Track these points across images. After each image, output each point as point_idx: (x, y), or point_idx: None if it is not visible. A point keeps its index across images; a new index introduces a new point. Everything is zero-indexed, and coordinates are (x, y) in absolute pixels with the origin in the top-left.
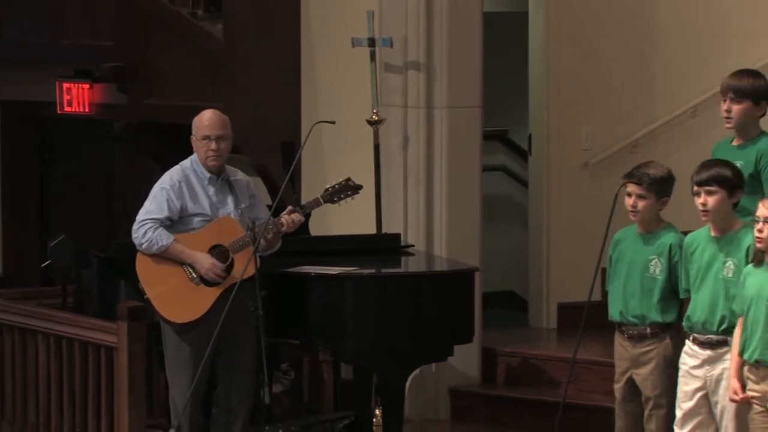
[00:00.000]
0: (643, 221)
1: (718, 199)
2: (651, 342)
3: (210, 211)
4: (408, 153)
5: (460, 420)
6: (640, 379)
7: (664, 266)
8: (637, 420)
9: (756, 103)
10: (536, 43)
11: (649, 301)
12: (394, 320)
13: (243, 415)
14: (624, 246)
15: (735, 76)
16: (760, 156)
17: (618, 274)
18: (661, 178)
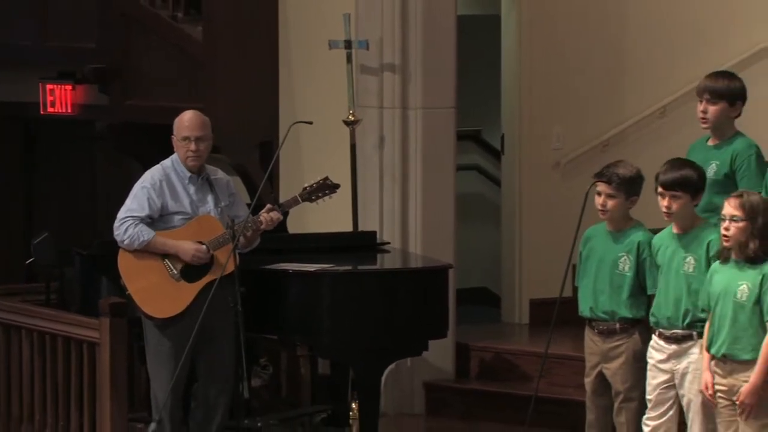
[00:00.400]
0: (613, 220)
1: (682, 203)
2: (620, 337)
3: (190, 210)
4: (384, 153)
5: (435, 414)
6: (610, 373)
7: (632, 263)
8: (607, 413)
9: (731, 104)
10: (508, 46)
11: (618, 298)
12: (370, 316)
13: (222, 408)
14: (594, 243)
15: (711, 78)
16: (735, 156)
17: (588, 270)
18: (630, 177)
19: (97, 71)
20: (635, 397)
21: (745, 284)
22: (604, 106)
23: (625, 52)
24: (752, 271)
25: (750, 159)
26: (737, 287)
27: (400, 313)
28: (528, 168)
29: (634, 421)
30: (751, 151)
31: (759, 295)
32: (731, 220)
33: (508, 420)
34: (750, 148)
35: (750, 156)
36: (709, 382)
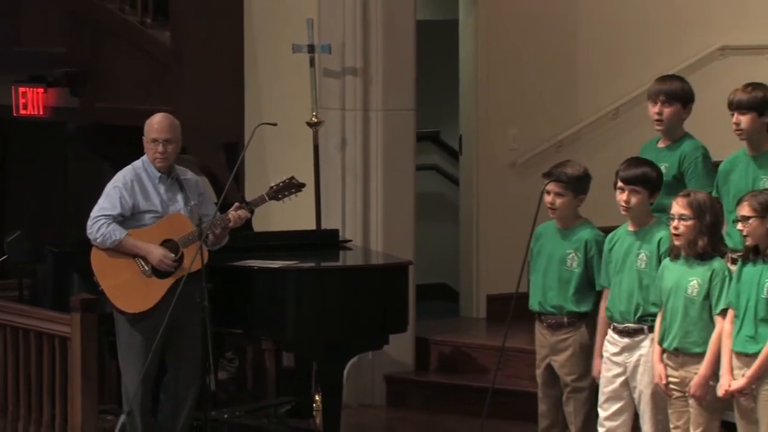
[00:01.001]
0: (562, 217)
1: (640, 199)
2: (568, 330)
3: (161, 208)
4: (346, 153)
5: (395, 405)
6: (558, 365)
7: (580, 260)
8: (558, 403)
9: (684, 106)
10: (466, 50)
11: (566, 293)
12: (332, 311)
13: (190, 400)
14: (544, 240)
15: (664, 81)
16: (683, 158)
17: (538, 266)
18: (578, 176)
19: (68, 75)
20: (582, 387)
21: (695, 280)
22: (558, 107)
23: (579, 56)
24: (701, 268)
25: (697, 161)
26: (688, 283)
27: (361, 308)
28: (485, 168)
29: (582, 411)
30: (698, 153)
31: (708, 290)
32: (680, 219)
33: (465, 411)
34: (697, 150)
35: (697, 158)
36: (662, 374)
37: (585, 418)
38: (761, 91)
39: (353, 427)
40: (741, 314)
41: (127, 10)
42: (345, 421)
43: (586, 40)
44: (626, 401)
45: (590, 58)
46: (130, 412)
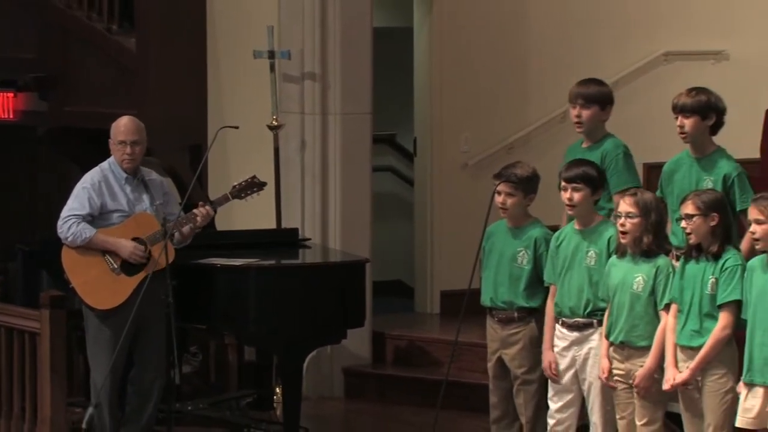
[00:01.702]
0: (512, 217)
1: (582, 196)
2: (518, 325)
3: (128, 208)
4: (305, 155)
5: (353, 397)
6: (509, 359)
7: (530, 257)
8: (508, 395)
9: (602, 108)
10: (420, 56)
11: (516, 289)
12: (292, 307)
13: (155, 393)
14: (495, 239)
15: (583, 85)
16: (604, 156)
17: (489, 264)
18: (528, 177)
19: (37, 80)
20: (532, 380)
21: (640, 276)
22: (509, 111)
23: (529, 62)
24: (647, 265)
25: (618, 158)
26: (633, 279)
27: (320, 304)
28: (439, 169)
29: (532, 402)
30: (618, 150)
31: (653, 286)
32: (627, 217)
33: (420, 403)
34: (618, 148)
35: (618, 155)
36: (606, 369)
37: (535, 409)
38: (704, 95)
39: (312, 419)
40: (685, 309)
41: (94, 17)
42: (304, 412)
43: (536, 47)
44: (575, 394)
45: (540, 64)
46: (97, 405)
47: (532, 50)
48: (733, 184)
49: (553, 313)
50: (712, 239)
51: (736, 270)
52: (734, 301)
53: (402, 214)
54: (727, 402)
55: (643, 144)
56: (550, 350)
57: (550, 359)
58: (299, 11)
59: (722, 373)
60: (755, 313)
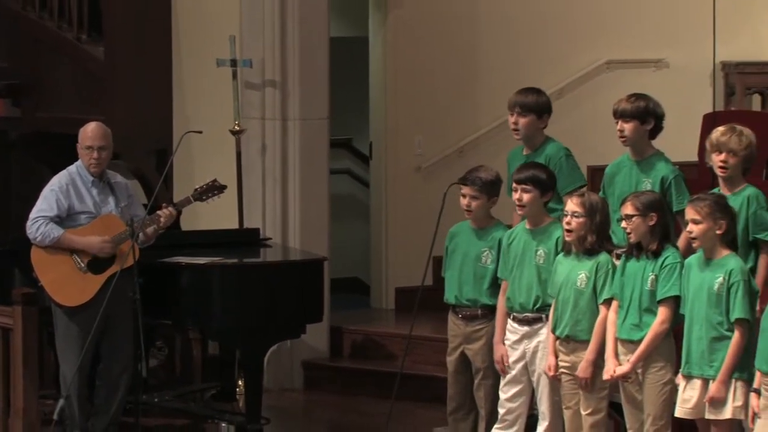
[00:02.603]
0: (476, 218)
1: (532, 197)
2: (481, 322)
3: (94, 210)
4: (266, 159)
5: (312, 389)
6: (472, 354)
7: (494, 257)
8: (467, 388)
9: (539, 117)
10: (375, 64)
11: (480, 287)
12: (253, 303)
13: (123, 386)
14: (459, 239)
15: (521, 94)
16: (548, 160)
17: (453, 263)
18: (491, 181)
19: (9, 87)
20: (492, 374)
21: (583, 273)
22: (460, 116)
23: (479, 70)
24: (589, 262)
25: (561, 161)
26: (577, 276)
27: (280, 301)
28: (393, 172)
29: (491, 395)
30: (561, 154)
31: (594, 281)
32: (573, 216)
33: (376, 394)
34: (560, 151)
35: (561, 158)
36: (552, 364)
37: (494, 400)
38: (643, 101)
39: (273, 410)
40: (626, 305)
41: (64, 27)
42: (266, 403)
43: (487, 56)
44: (525, 384)
45: (489, 72)
46: (67, 397)
47: (483, 58)
48: (670, 185)
49: (504, 308)
50: (651, 238)
51: (674, 267)
52: (672, 297)
53: (358, 215)
54: (666, 393)
55: (587, 148)
56: (501, 344)
57: (501, 352)
58: (260, 22)
59: (661, 365)
60: (692, 308)
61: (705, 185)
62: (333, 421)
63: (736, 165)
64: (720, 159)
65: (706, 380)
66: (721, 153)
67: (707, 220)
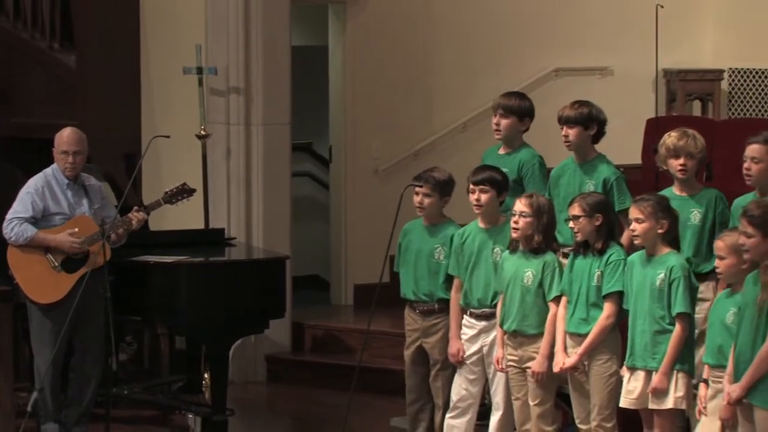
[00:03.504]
0: (429, 216)
1: (488, 197)
2: (438, 316)
3: (69, 211)
4: (230, 162)
5: (275, 381)
6: (429, 347)
7: (447, 253)
8: (424, 380)
9: (520, 120)
10: (335, 71)
11: (436, 282)
12: (219, 300)
13: (95, 379)
14: (412, 236)
15: (505, 97)
16: (521, 165)
17: (408, 259)
18: (444, 180)
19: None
20: (449, 366)
21: (530, 271)
22: (415, 122)
23: (434, 77)
24: (536, 260)
25: (534, 167)
26: (524, 274)
27: (244, 297)
28: (352, 174)
29: (447, 386)
30: (534, 161)
31: (541, 279)
32: (521, 216)
33: (336, 386)
34: (534, 158)
35: (534, 165)
36: (500, 357)
37: (450, 391)
38: (586, 107)
39: (238, 401)
40: (573, 300)
41: (37, 37)
42: (231, 395)
43: (440, 64)
44: (478, 376)
45: (443, 79)
46: (41, 390)
47: (437, 66)
48: (612, 187)
49: (458, 304)
50: (596, 237)
51: (619, 264)
52: (617, 292)
53: (319, 215)
54: (611, 384)
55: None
56: (457, 338)
57: (458, 347)
58: (224, 31)
59: (606, 357)
60: (636, 303)
61: (648, 186)
62: (295, 412)
63: (694, 167)
64: (679, 163)
65: (649, 372)
66: (679, 157)
67: (650, 219)
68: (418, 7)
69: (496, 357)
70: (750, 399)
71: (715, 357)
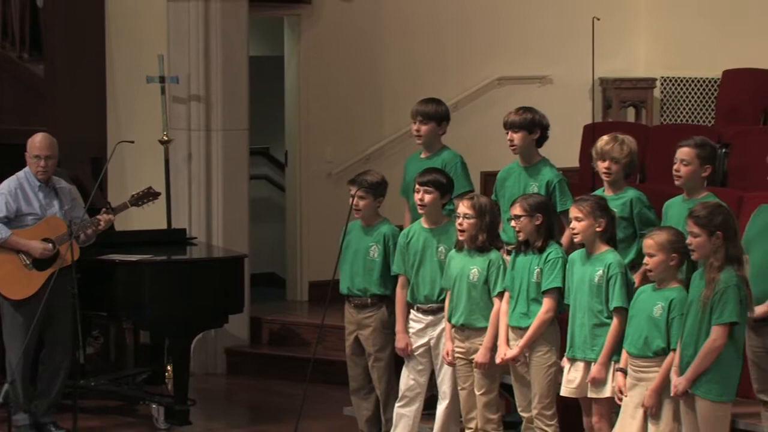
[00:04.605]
0: (364, 217)
1: (432, 198)
2: (371, 310)
3: (40, 212)
4: (192, 166)
5: (234, 373)
6: (363, 338)
7: (381, 251)
8: (365, 369)
9: (438, 124)
10: (290, 80)
11: (370, 278)
12: (181, 296)
13: (63, 371)
14: (351, 236)
15: (423, 103)
16: (444, 165)
17: (346, 257)
18: (377, 182)
19: None
20: (383, 357)
21: (475, 268)
22: (366, 127)
23: (383, 85)
24: (481, 258)
25: (456, 167)
26: (470, 271)
27: (205, 294)
28: (306, 177)
29: (385, 375)
30: (456, 160)
31: (486, 276)
32: (464, 218)
33: (292, 377)
34: (455, 158)
35: (456, 164)
36: (449, 350)
37: (388, 379)
38: (530, 113)
39: (199, 392)
40: (515, 295)
41: (7, 47)
42: (192, 386)
43: (390, 73)
44: (425, 367)
45: (393, 87)
46: (12, 382)
47: (387, 75)
48: (554, 189)
49: (403, 300)
50: (537, 236)
51: (557, 262)
52: (555, 288)
53: (275, 216)
54: (551, 375)
55: (481, 155)
56: (404, 332)
57: (405, 341)
58: (185, 42)
59: (546, 349)
60: (576, 298)
61: (585, 188)
62: (253, 402)
63: (619, 171)
64: (604, 166)
65: (588, 362)
66: (605, 160)
67: (588, 218)
68: (369, 20)
69: (446, 350)
70: (694, 390)
71: (640, 348)
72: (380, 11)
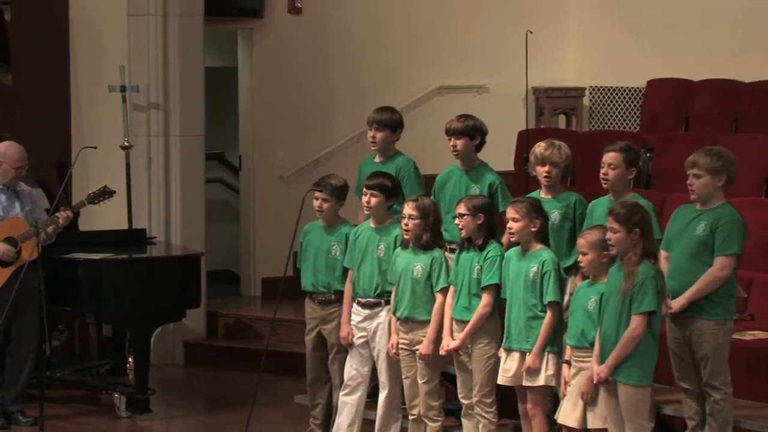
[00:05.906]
0: (326, 218)
1: (378, 201)
2: (335, 305)
3: (2, 212)
4: (151, 170)
5: (191, 364)
6: (327, 332)
7: (342, 250)
8: (322, 363)
9: (393, 131)
10: (244, 88)
11: (333, 275)
12: (141, 292)
13: (29, 363)
14: (311, 236)
15: (378, 111)
16: (398, 170)
17: (307, 256)
18: (340, 186)
19: None
20: (344, 350)
21: (419, 265)
22: (315, 133)
23: (333, 93)
24: (425, 256)
25: (410, 172)
26: (414, 267)
27: (164, 290)
28: (259, 180)
29: (343, 367)
30: (410, 165)
31: (429, 273)
32: (409, 218)
33: (246, 368)
34: (409, 163)
35: (409, 169)
36: (394, 342)
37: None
38: (471, 120)
39: (159, 382)
40: (458, 290)
41: None
42: (152, 377)
43: (338, 82)
44: (366, 357)
45: (341, 95)
46: None
47: (335, 84)
48: (497, 190)
49: (350, 293)
50: (478, 234)
51: (496, 259)
52: (494, 285)
53: (230, 217)
54: (491, 365)
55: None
56: (347, 324)
57: (348, 331)
58: (145, 54)
59: (486, 341)
60: (512, 293)
61: (520, 190)
62: (209, 391)
63: (557, 174)
64: (544, 170)
65: (523, 353)
66: (545, 165)
67: (524, 218)
68: (317, 33)
69: (391, 343)
70: (615, 377)
71: (578, 340)
72: (328, 25)
